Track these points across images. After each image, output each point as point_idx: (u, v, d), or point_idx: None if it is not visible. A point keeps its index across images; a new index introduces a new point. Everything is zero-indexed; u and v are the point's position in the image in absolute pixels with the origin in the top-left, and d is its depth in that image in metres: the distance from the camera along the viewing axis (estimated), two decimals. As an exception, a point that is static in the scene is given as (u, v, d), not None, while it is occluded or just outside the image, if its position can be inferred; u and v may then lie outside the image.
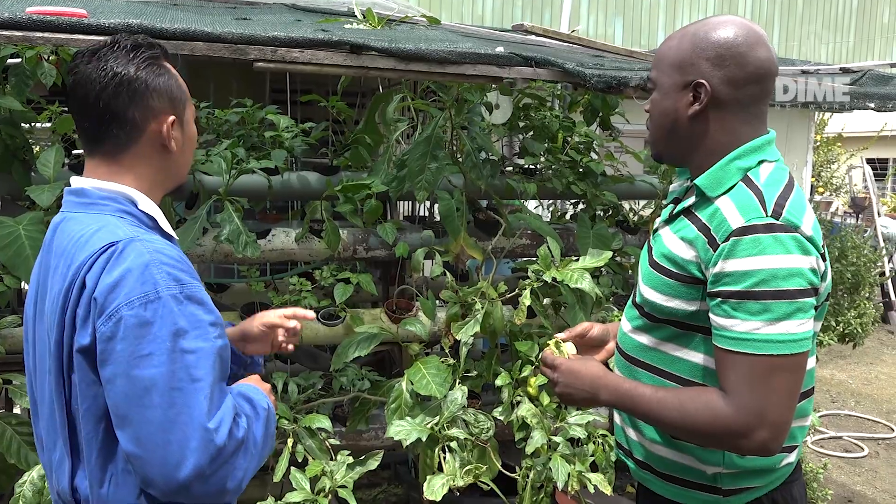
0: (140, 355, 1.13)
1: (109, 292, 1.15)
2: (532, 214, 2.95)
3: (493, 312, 2.69)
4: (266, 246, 2.85)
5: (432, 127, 2.75)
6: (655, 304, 1.44)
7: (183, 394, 1.14)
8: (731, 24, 1.38)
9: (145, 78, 1.28)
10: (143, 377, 1.13)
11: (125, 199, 1.28)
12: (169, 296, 1.16)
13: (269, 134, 3.11)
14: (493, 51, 2.42)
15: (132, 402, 1.14)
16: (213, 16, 3.13)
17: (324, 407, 2.77)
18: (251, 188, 2.97)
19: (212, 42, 1.94)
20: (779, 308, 1.25)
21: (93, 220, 1.25)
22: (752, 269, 1.25)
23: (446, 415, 2.40)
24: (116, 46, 1.29)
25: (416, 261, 2.68)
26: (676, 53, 1.40)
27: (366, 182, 2.83)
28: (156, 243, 1.21)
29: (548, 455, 2.42)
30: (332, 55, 2.07)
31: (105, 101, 1.25)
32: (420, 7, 6.48)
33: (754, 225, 1.27)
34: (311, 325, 2.84)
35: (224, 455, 1.16)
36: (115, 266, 1.16)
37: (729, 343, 1.29)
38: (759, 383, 1.27)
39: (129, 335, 1.13)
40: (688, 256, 1.37)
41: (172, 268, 1.19)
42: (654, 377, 1.48)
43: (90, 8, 2.85)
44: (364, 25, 3.15)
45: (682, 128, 1.42)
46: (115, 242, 1.18)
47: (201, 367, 1.17)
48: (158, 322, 1.14)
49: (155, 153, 1.32)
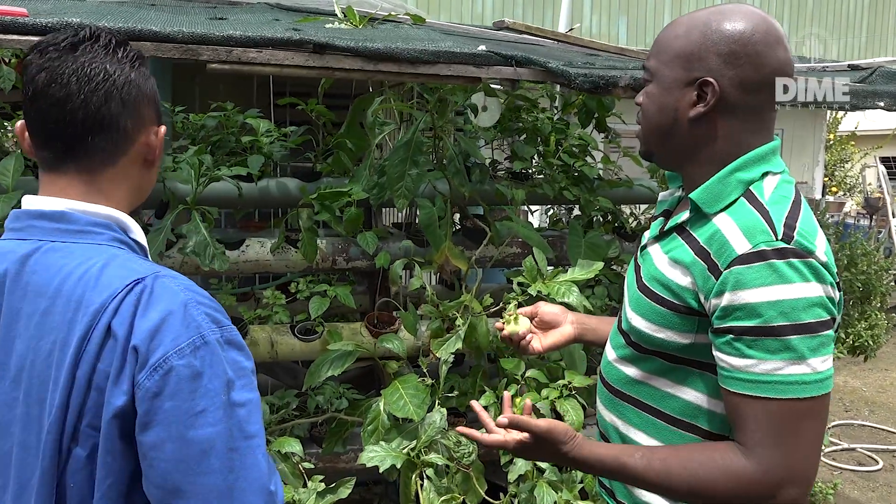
0: (194, 413, 0.95)
1: (151, 339, 0.95)
2: (521, 222, 2.79)
3: (478, 327, 2.53)
4: (239, 257, 2.70)
5: (412, 131, 2.60)
6: (643, 334, 1.26)
7: (240, 454, 0.97)
8: (749, 15, 1.19)
9: (137, 81, 1.08)
10: (199, 439, 0.95)
11: (118, 227, 1.07)
12: (214, 340, 0.99)
13: (246, 139, 2.96)
14: (476, 50, 2.27)
15: (188, 469, 0.95)
16: (188, 15, 3.00)
17: (299, 427, 2.63)
18: (225, 196, 2.83)
19: (160, 42, 1.80)
20: (801, 344, 1.08)
21: (90, 252, 1.03)
22: (767, 300, 1.08)
23: (423, 439, 2.25)
24: (99, 40, 1.07)
25: (394, 272, 2.53)
26: (683, 43, 1.21)
27: (344, 189, 2.68)
28: (182, 279, 1.03)
29: (534, 481, 2.27)
30: (294, 55, 1.93)
31: (94, 106, 1.04)
32: (418, 8, 6.34)
33: (763, 251, 1.10)
34: (288, 339, 2.70)
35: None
36: (151, 307, 0.97)
37: (745, 387, 1.11)
38: (784, 433, 1.10)
39: (181, 389, 0.95)
40: (683, 283, 1.19)
41: (209, 308, 1.01)
42: (641, 413, 1.30)
43: (59, 8, 2.73)
44: (346, 25, 3.01)
45: (681, 129, 1.24)
46: (142, 279, 0.99)
47: (254, 421, 1.00)
48: (209, 371, 0.96)
49: (137, 169, 1.12)
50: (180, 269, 2.61)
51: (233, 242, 2.73)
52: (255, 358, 2.69)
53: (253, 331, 2.66)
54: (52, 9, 2.67)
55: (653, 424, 1.29)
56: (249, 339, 2.63)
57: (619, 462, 1.22)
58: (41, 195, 1.08)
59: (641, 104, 1.30)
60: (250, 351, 2.69)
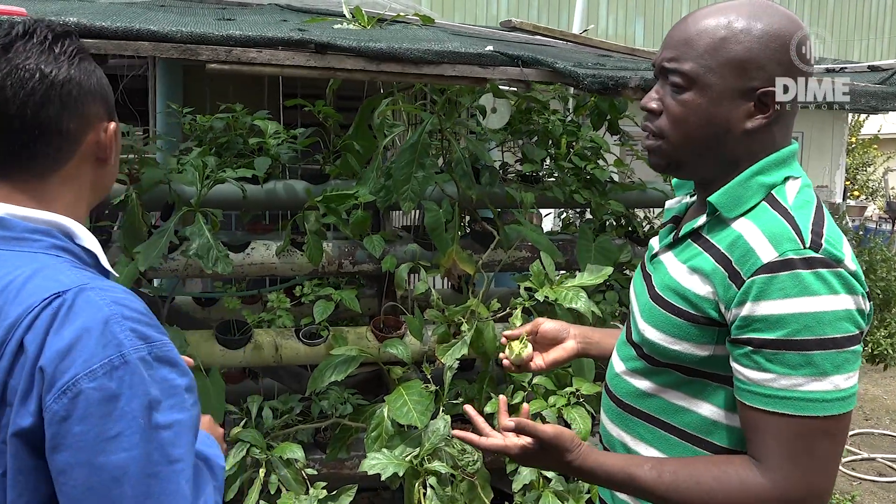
0: (106, 438, 0.89)
1: (61, 360, 0.89)
2: (530, 226, 2.74)
3: (485, 333, 2.49)
4: (244, 260, 2.68)
5: (419, 133, 2.56)
6: (658, 346, 1.19)
7: (160, 480, 0.90)
8: (789, 16, 1.13)
9: (79, 79, 1.02)
10: (111, 465, 0.89)
11: (60, 233, 1.02)
12: (137, 359, 0.92)
13: (253, 140, 2.94)
14: (483, 50, 2.22)
15: (98, 496, 0.89)
16: (195, 16, 2.99)
17: (302, 432, 2.59)
18: (230, 198, 2.81)
19: (158, 42, 1.77)
20: (824, 360, 1.03)
21: (21, 261, 0.97)
22: (790, 312, 1.03)
23: (427, 446, 2.20)
24: (33, 37, 1.00)
25: (399, 276, 2.49)
26: (738, 49, 1.10)
27: (349, 192, 2.65)
28: (113, 291, 0.96)
29: (540, 490, 2.22)
30: (295, 55, 1.90)
31: (32, 111, 0.98)
32: (432, 9, 6.31)
33: (790, 259, 1.03)
34: (292, 343, 2.67)
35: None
36: (66, 324, 0.91)
37: (762, 402, 1.06)
38: (802, 451, 1.05)
39: (91, 413, 0.88)
40: (702, 293, 1.12)
41: (137, 322, 0.94)
42: (652, 428, 1.24)
43: (66, 9, 2.72)
44: (354, 25, 2.98)
45: (729, 141, 1.14)
46: (63, 293, 0.93)
47: (179, 444, 0.93)
48: (127, 393, 0.90)
49: (89, 169, 1.06)
50: (184, 271, 2.59)
51: (238, 245, 2.71)
52: (259, 362, 2.69)
53: (257, 334, 2.63)
54: (59, 10, 2.66)
55: (664, 439, 1.23)
56: (253, 343, 2.60)
57: (626, 473, 1.16)
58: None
59: (670, 113, 1.17)
60: (257, 354, 2.64)
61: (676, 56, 1.15)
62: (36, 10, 2.47)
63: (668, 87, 1.17)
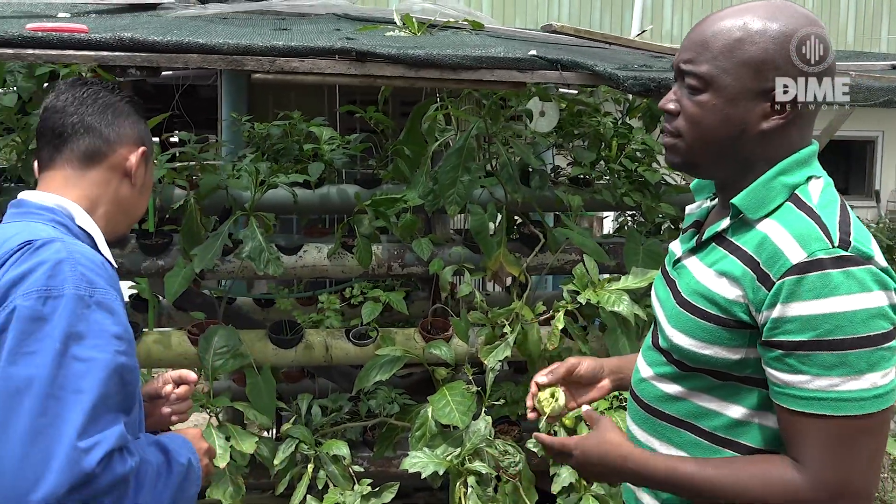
0: (22, 352, 1.01)
1: (13, 285, 1.06)
2: (578, 229, 2.73)
3: (529, 335, 2.50)
4: (297, 262, 2.76)
5: (465, 137, 2.60)
6: (687, 352, 1.19)
7: (60, 403, 1.00)
8: (806, 16, 1.12)
9: (127, 109, 1.32)
10: (18, 376, 1.01)
11: (62, 212, 1.22)
12: (75, 295, 1.06)
13: (307, 146, 3.04)
14: (526, 54, 2.24)
15: (2, 402, 1.00)
16: (253, 27, 3.11)
17: (352, 431, 2.66)
18: (284, 203, 2.90)
19: (206, 54, 1.87)
20: (859, 359, 1.02)
21: (21, 227, 1.18)
22: (822, 313, 1.02)
23: (468, 446, 2.23)
24: (105, 83, 1.34)
25: (444, 279, 2.53)
26: (754, 51, 1.10)
27: (397, 196, 2.70)
28: (79, 246, 1.14)
29: (580, 494, 2.21)
30: (335, 64, 1.96)
31: (85, 113, 1.27)
32: (493, 14, 6.34)
33: (820, 259, 1.03)
34: (342, 344, 2.74)
35: (93, 487, 0.99)
36: (27, 260, 1.08)
37: (799, 403, 1.06)
38: (840, 450, 1.05)
39: (17, 328, 1.02)
40: (731, 296, 1.12)
41: (89, 270, 1.10)
42: (677, 430, 1.24)
43: (134, 24, 2.87)
44: (404, 32, 3.04)
45: (747, 141, 1.14)
46: (34, 240, 1.11)
47: (89, 378, 1.03)
48: (54, 321, 1.03)
49: (116, 181, 1.29)
50: (239, 273, 2.69)
51: (292, 248, 2.80)
52: (309, 361, 2.77)
53: (308, 335, 2.71)
54: (120, 25, 2.81)
55: (693, 443, 1.22)
56: (305, 343, 2.68)
57: (668, 465, 1.18)
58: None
59: (687, 113, 1.17)
60: (308, 354, 2.74)
61: (693, 58, 1.15)
62: (102, 25, 2.62)
63: (686, 89, 1.18)
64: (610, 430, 1.28)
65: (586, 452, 1.26)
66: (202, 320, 2.81)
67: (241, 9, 3.80)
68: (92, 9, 3.41)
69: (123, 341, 1.10)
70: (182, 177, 2.73)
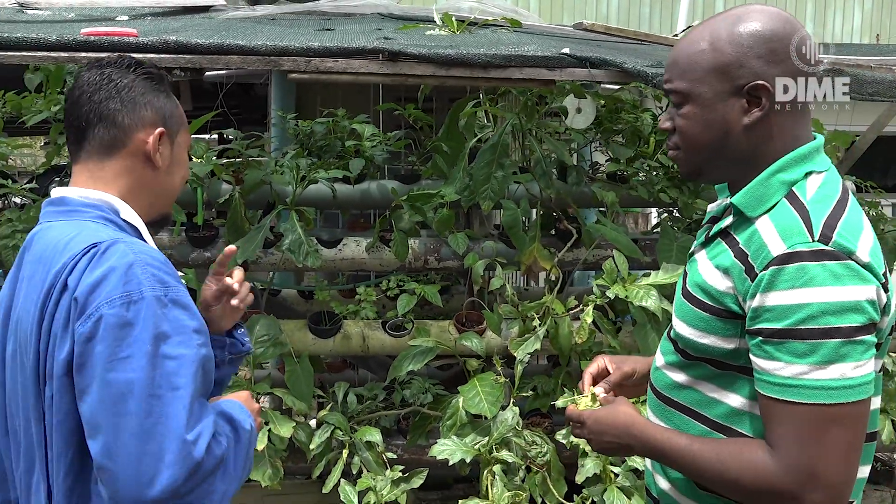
0: (118, 358, 1.06)
1: (91, 292, 1.09)
2: (611, 224, 2.76)
3: (560, 329, 2.54)
4: (336, 255, 2.86)
5: (499, 134, 2.65)
6: (689, 341, 1.26)
7: (162, 402, 1.06)
8: (768, 13, 1.19)
9: (141, 88, 1.28)
10: (119, 381, 1.06)
11: (107, 208, 1.25)
12: (153, 297, 1.10)
13: (349, 143, 3.13)
14: (558, 52, 2.28)
15: (106, 408, 1.06)
16: (299, 28, 3.21)
17: (386, 419, 2.74)
18: (326, 198, 3.00)
19: (245, 55, 1.96)
20: (828, 349, 1.06)
21: (72, 226, 1.20)
22: (796, 303, 1.07)
23: (495, 436, 2.29)
24: (121, 62, 1.30)
25: (476, 272, 2.59)
26: (714, 57, 1.18)
27: (432, 192, 2.77)
28: (140, 245, 1.18)
29: (605, 485, 2.25)
30: (368, 63, 2.04)
31: (97, 102, 1.25)
32: (540, 12, 6.35)
33: (799, 252, 1.08)
34: (378, 334, 2.82)
35: (202, 473, 1.08)
36: (98, 265, 1.11)
37: (773, 390, 1.11)
38: (810, 438, 1.08)
39: (108, 336, 1.07)
40: (722, 287, 1.18)
41: (158, 269, 1.14)
42: (686, 418, 1.30)
43: (187, 25, 3.01)
44: (444, 31, 3.10)
45: (735, 139, 1.21)
46: (98, 243, 1.14)
47: (183, 374, 1.09)
48: (140, 324, 1.08)
49: (140, 166, 1.28)
50: (281, 265, 2.80)
51: (332, 241, 2.89)
52: (347, 351, 2.87)
53: (346, 325, 2.81)
54: (181, 26, 2.95)
55: (698, 430, 1.28)
56: (342, 333, 2.78)
57: (666, 436, 1.24)
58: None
59: (678, 128, 1.25)
60: (345, 344, 2.84)
61: (670, 77, 1.25)
62: (156, 28, 2.76)
63: (673, 107, 1.26)
64: (623, 403, 1.34)
65: (599, 420, 1.32)
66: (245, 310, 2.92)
67: (289, 10, 3.92)
68: (148, 11, 3.57)
69: (201, 334, 1.16)
70: (228, 172, 2.84)
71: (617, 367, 1.48)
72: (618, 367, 1.48)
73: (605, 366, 1.50)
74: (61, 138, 2.90)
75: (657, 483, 1.39)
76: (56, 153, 3.00)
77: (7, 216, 2.54)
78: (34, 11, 3.22)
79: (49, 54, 1.87)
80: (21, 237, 2.44)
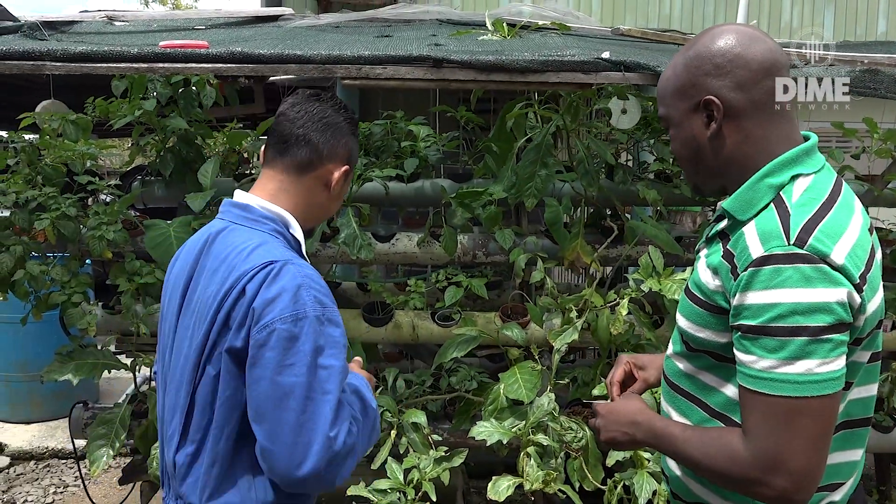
0: (285, 364, 1.30)
1: (267, 305, 1.32)
2: (651, 221, 2.85)
3: (600, 321, 2.65)
4: (390, 249, 3.04)
5: (543, 134, 2.77)
6: (688, 333, 1.38)
7: (314, 403, 1.30)
8: (720, 32, 1.31)
9: (347, 129, 1.53)
10: (285, 383, 1.30)
11: (281, 222, 1.48)
12: (314, 316, 1.32)
13: (404, 143, 3.31)
14: (596, 56, 2.40)
15: (272, 402, 1.30)
16: (360, 35, 3.41)
17: (433, 404, 2.90)
18: (381, 195, 3.18)
19: (303, 63, 2.15)
20: (796, 345, 1.16)
21: (254, 236, 1.44)
22: (769, 302, 1.17)
23: (531, 420, 2.42)
24: (336, 102, 1.55)
25: (518, 266, 2.72)
26: (674, 81, 1.35)
27: (480, 189, 2.92)
28: (306, 268, 1.40)
29: (635, 470, 2.35)
30: (414, 70, 2.20)
31: (310, 128, 1.49)
32: (603, 13, 6.41)
33: (774, 255, 1.18)
34: (428, 324, 2.99)
35: (338, 459, 1.32)
36: (273, 283, 1.33)
37: (747, 381, 1.22)
38: (777, 427, 1.18)
39: (278, 346, 1.30)
40: (712, 286, 1.29)
41: (318, 292, 1.36)
42: (689, 404, 1.42)
43: (257, 34, 3.24)
44: (496, 36, 3.25)
45: (706, 152, 1.34)
46: (274, 262, 1.36)
47: (332, 382, 1.32)
48: (303, 338, 1.31)
49: (318, 189, 1.51)
50: (339, 258, 3.00)
51: (387, 236, 3.07)
52: (398, 339, 3.06)
53: (398, 315, 2.98)
54: (251, 35, 3.18)
55: (699, 415, 1.40)
56: (394, 322, 2.95)
57: (665, 423, 1.37)
58: (247, 192, 1.53)
59: (672, 150, 1.42)
60: (396, 332, 3.03)
61: (657, 107, 1.43)
62: (229, 37, 3.00)
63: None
64: (634, 398, 1.48)
65: (612, 410, 1.46)
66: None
67: (353, 17, 4.13)
68: (223, 22, 3.84)
69: (346, 348, 1.41)
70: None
71: (643, 380, 1.64)
72: (643, 379, 1.64)
73: (630, 370, 1.66)
74: (142, 140, 3.18)
75: (669, 466, 1.51)
76: (137, 153, 3.26)
77: (94, 209, 2.82)
78: (121, 23, 3.52)
79: (131, 65, 2.11)
80: (106, 230, 2.73)
